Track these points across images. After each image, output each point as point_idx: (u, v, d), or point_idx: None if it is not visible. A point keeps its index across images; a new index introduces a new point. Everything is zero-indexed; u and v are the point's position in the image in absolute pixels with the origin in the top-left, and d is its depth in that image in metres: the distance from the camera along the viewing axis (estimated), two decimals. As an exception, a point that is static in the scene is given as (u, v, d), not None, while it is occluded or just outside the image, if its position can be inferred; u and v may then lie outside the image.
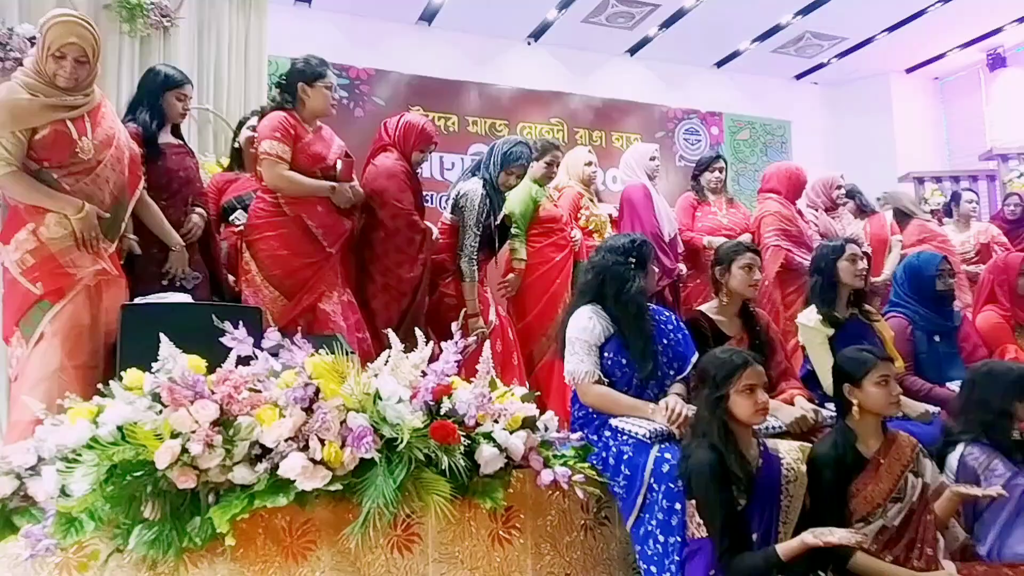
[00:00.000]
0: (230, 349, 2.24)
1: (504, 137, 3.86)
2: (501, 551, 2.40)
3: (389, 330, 2.60)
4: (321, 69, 3.19)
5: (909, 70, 9.08)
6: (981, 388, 2.61)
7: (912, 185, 7.62)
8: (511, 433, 2.41)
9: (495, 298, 3.84)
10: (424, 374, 2.42)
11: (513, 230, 3.92)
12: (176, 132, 3.28)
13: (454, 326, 2.59)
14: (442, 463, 2.20)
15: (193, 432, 2.02)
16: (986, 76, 8.97)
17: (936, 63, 8.94)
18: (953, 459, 2.52)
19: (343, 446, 2.16)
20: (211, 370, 2.22)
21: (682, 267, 4.39)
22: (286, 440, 2.11)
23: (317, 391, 2.21)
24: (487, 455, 2.31)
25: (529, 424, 2.49)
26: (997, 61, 8.80)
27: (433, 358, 2.46)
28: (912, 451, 2.39)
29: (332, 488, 2.12)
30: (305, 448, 2.13)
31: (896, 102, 9.06)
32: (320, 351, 2.33)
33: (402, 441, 2.17)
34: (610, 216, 4.52)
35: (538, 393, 2.85)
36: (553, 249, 4.05)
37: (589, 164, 4.48)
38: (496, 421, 2.43)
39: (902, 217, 5.02)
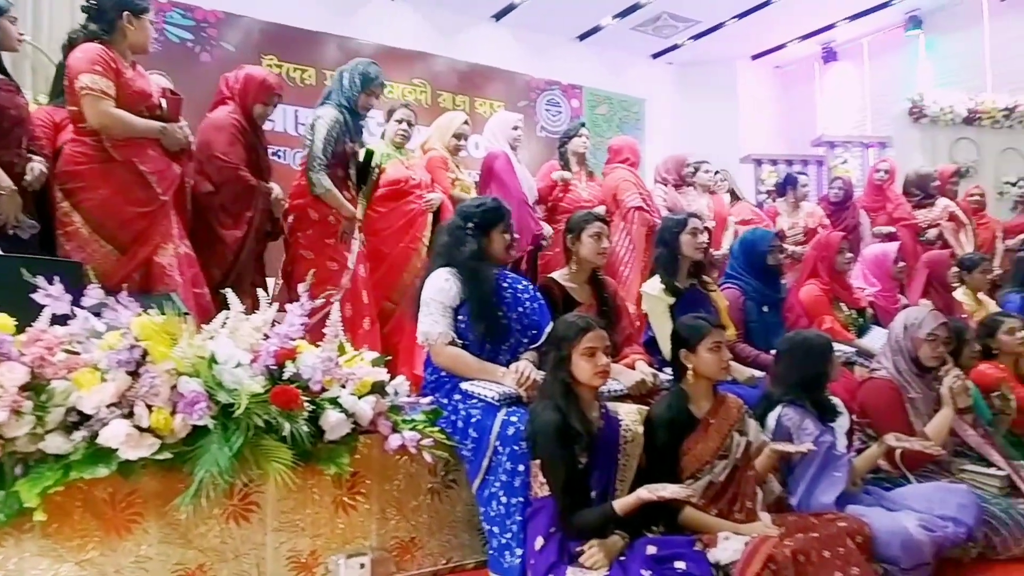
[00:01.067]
0: (43, 307, 2.03)
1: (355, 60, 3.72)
2: (345, 517, 2.36)
3: (228, 290, 2.46)
4: (147, 3, 2.96)
5: (754, 57, 9.65)
6: (796, 355, 2.84)
7: (752, 166, 8.15)
8: (359, 398, 2.37)
9: (361, 257, 3.69)
10: (267, 337, 2.32)
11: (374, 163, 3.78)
12: (1, 68, 2.89)
13: (301, 287, 2.49)
14: (283, 430, 2.13)
15: (-3, 397, 1.82)
16: (820, 68, 9.72)
17: (777, 52, 9.57)
18: (771, 419, 2.73)
19: (174, 412, 2.03)
20: (21, 330, 2.01)
21: (547, 228, 4.45)
22: (108, 406, 1.96)
23: (145, 354, 2.05)
24: (332, 421, 2.25)
25: (378, 389, 2.45)
26: (830, 55, 9.54)
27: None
28: (739, 412, 2.56)
29: (161, 457, 2.00)
30: (130, 415, 1.99)
31: (741, 87, 9.61)
32: (149, 311, 2.17)
33: (239, 407, 2.07)
34: (475, 183, 4.50)
35: (389, 357, 2.80)
36: (399, 214, 3.93)
37: (459, 136, 4.34)
38: (344, 386, 2.37)
39: (733, 197, 5.43)
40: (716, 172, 5.53)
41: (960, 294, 4.66)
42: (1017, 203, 6.07)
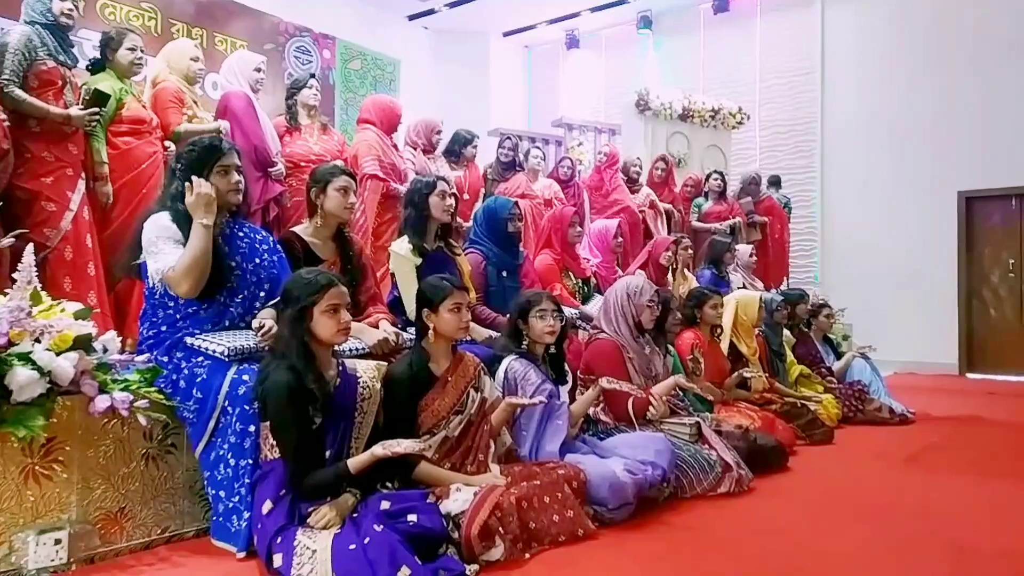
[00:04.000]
0: None
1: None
2: (37, 488, 2.07)
3: None
4: None
5: (505, 34, 10.00)
6: (510, 312, 3.06)
7: (497, 140, 8.44)
8: (58, 354, 2.07)
9: (85, 200, 3.29)
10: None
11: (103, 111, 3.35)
12: None
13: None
14: (-45, 388, 1.79)
15: None
16: (564, 53, 10.34)
17: (528, 32, 10.01)
18: (500, 373, 2.89)
19: None
20: None
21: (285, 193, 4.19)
22: None
23: None
24: (21, 379, 1.96)
25: (82, 344, 2.17)
26: (573, 42, 10.18)
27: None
28: (475, 369, 2.67)
29: None
30: None
31: (493, 61, 9.92)
32: None
33: None
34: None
35: (98, 310, 2.49)
36: (139, 155, 3.54)
37: (196, 60, 3.95)
38: (38, 340, 2.06)
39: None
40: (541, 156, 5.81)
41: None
42: (709, 193, 6.96)
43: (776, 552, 2.36)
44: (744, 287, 5.51)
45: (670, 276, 5.18)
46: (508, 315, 3.11)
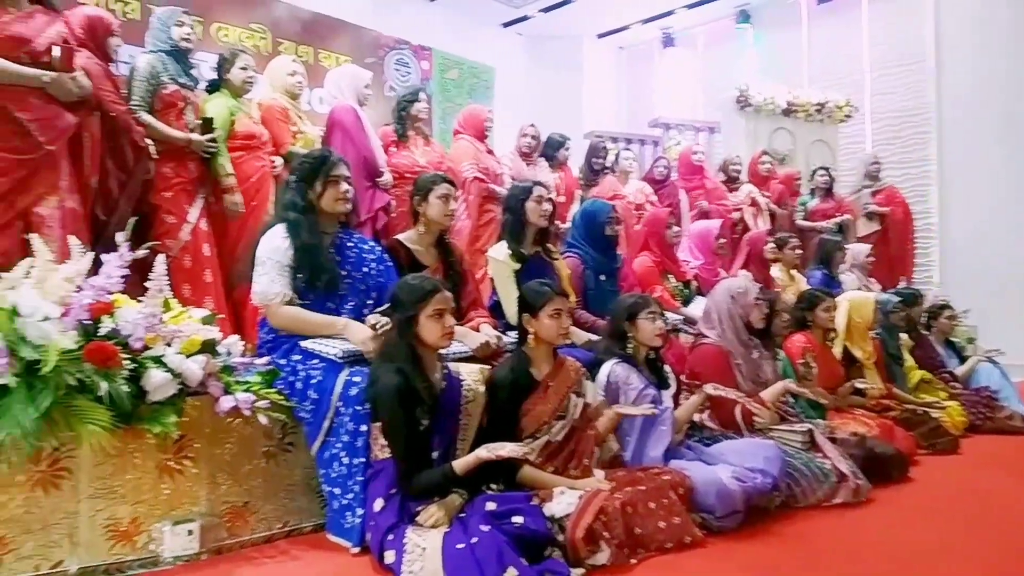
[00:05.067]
0: None
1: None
2: (171, 482, 2.22)
3: (73, 237, 2.20)
4: None
5: (600, 36, 9.95)
6: (613, 315, 3.02)
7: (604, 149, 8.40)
8: (187, 357, 2.22)
9: (203, 212, 3.55)
10: (81, 289, 2.10)
11: (215, 135, 3.58)
12: None
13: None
14: (99, 389, 1.95)
15: None
16: (659, 52, 10.18)
17: (622, 33, 9.92)
18: (601, 377, 2.87)
19: (-34, 370, 1.80)
20: None
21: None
22: None
23: (-71, 304, 1.80)
24: (156, 381, 2.10)
25: (208, 348, 2.31)
26: (668, 40, 10.02)
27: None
28: (576, 374, 2.67)
29: (-51, 420, 1.77)
30: (-90, 373, 1.74)
31: (587, 63, 9.88)
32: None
33: (47, 364, 1.87)
34: (320, 137, 4.29)
35: (222, 316, 2.65)
36: (250, 168, 3.75)
37: (293, 74, 4.15)
38: (169, 344, 2.21)
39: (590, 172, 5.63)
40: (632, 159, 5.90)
41: (776, 270, 5.11)
42: (817, 190, 6.70)
43: (896, 566, 2.24)
44: (860, 289, 5.25)
45: (776, 275, 5.02)
46: (608, 318, 3.08)
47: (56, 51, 2.81)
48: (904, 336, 4.94)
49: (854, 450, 3.12)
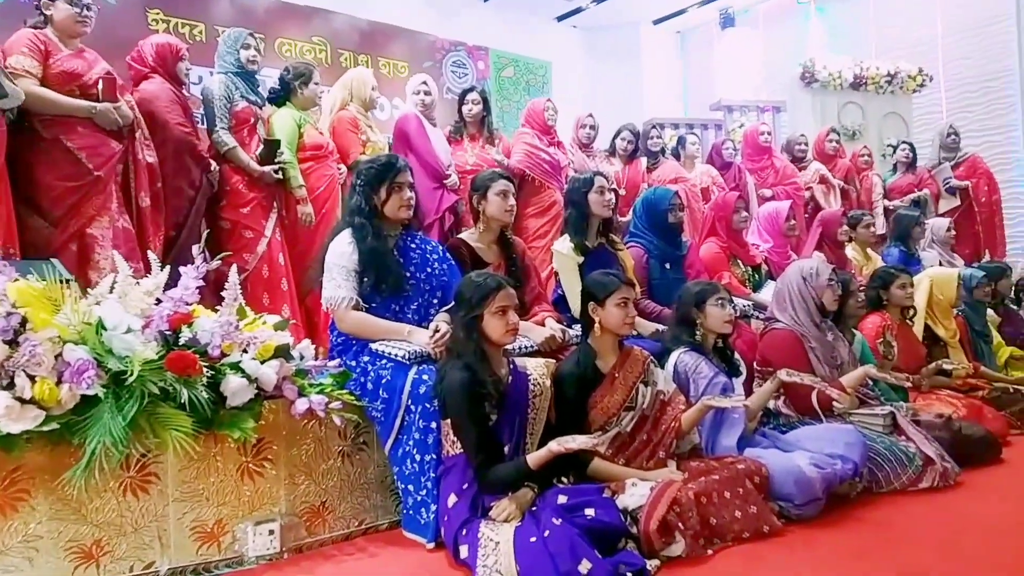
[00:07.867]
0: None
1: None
2: (251, 484, 2.29)
3: (114, 252, 2.32)
4: None
5: (656, 22, 9.78)
6: (680, 303, 2.96)
7: (655, 130, 8.28)
8: (262, 363, 2.29)
9: (277, 224, 3.72)
10: (159, 301, 2.20)
11: (283, 157, 3.70)
12: None
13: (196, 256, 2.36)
14: (181, 396, 2.04)
15: None
16: (718, 34, 9.95)
17: (678, 18, 9.73)
18: (669, 366, 2.83)
19: (59, 382, 1.91)
20: None
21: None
22: (-16, 378, 1.82)
23: (24, 321, 1.91)
24: (234, 386, 2.18)
25: (282, 353, 2.38)
26: (728, 20, 9.77)
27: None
28: (644, 364, 2.63)
29: (47, 429, 1.89)
30: (10, 386, 1.85)
31: (644, 51, 9.74)
32: (28, 276, 2.02)
33: (132, 374, 1.96)
34: (388, 145, 4.39)
35: (294, 321, 2.73)
36: (320, 177, 3.88)
37: (375, 89, 4.26)
38: (245, 350, 2.29)
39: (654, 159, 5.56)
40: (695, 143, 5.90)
41: (850, 250, 4.93)
42: (898, 165, 6.43)
43: (989, 552, 2.13)
44: (941, 265, 5.02)
45: (851, 255, 4.84)
46: (675, 307, 3.03)
47: (101, 83, 3.04)
48: (991, 312, 4.69)
49: (940, 432, 2.98)
